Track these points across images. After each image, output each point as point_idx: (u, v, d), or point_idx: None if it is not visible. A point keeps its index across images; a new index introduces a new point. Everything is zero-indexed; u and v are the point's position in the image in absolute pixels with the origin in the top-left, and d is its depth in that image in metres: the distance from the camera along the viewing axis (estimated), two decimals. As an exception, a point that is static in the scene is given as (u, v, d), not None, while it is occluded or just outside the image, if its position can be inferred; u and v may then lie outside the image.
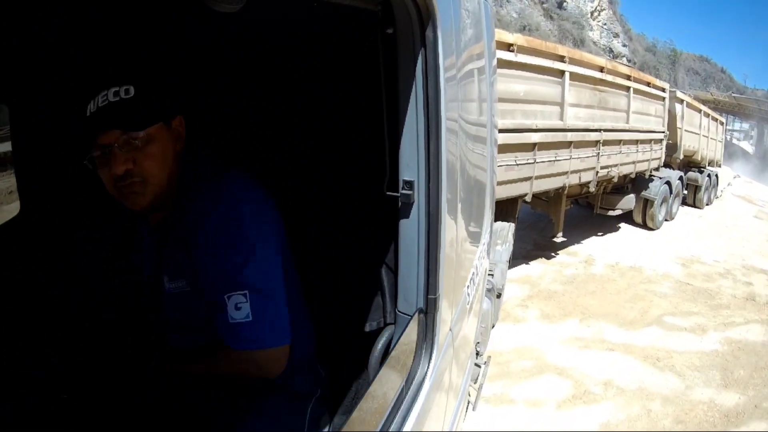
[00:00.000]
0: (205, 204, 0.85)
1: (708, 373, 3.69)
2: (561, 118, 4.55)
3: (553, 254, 6.02)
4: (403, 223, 0.83)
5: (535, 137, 4.22)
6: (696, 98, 13.09)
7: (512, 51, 3.84)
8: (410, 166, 0.80)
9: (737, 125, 25.20)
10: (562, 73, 4.44)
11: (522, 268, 5.45)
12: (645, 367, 3.69)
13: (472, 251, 1.25)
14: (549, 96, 4.42)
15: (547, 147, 4.45)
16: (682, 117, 7.59)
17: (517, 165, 4.11)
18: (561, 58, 4.46)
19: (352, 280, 1.11)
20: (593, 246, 6.53)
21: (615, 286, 5.29)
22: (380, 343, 0.90)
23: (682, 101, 7.64)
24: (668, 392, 3.39)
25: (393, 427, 0.76)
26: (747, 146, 23.74)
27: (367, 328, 1.04)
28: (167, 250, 0.90)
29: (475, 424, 2.77)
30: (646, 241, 7.03)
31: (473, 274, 1.27)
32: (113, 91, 0.81)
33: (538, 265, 5.69)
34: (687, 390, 3.45)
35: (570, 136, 4.70)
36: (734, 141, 23.45)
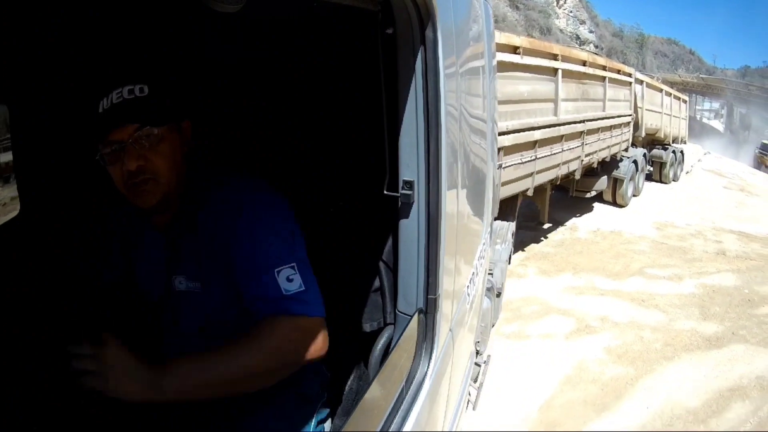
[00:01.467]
0: (228, 199, 0.86)
1: (688, 309, 4.36)
2: (555, 114, 4.74)
3: (540, 224, 6.45)
4: (403, 223, 0.84)
5: (537, 134, 4.37)
6: (664, 81, 13.57)
7: (519, 54, 3.96)
8: (410, 166, 0.80)
9: (707, 105, 25.30)
10: (555, 70, 4.62)
11: (515, 235, 6.04)
12: (633, 307, 4.37)
13: (472, 250, 1.25)
14: (546, 94, 4.59)
15: (546, 143, 4.63)
16: (643, 97, 7.92)
17: (522, 163, 4.26)
18: (555, 57, 4.64)
19: (352, 281, 1.11)
20: (574, 221, 7.10)
21: (599, 247, 6.02)
22: (380, 343, 0.90)
23: (641, 82, 7.98)
24: (655, 324, 4.06)
25: (393, 427, 0.76)
26: (717, 125, 24.12)
27: (367, 328, 1.04)
28: (181, 251, 0.90)
29: (501, 356, 3.43)
30: (621, 212, 7.66)
31: (473, 273, 1.27)
32: (128, 89, 0.81)
33: (528, 233, 6.17)
34: (671, 322, 4.12)
35: (562, 130, 4.91)
36: (704, 120, 23.79)
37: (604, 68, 5.95)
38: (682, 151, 11.25)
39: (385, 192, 0.83)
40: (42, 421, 0.94)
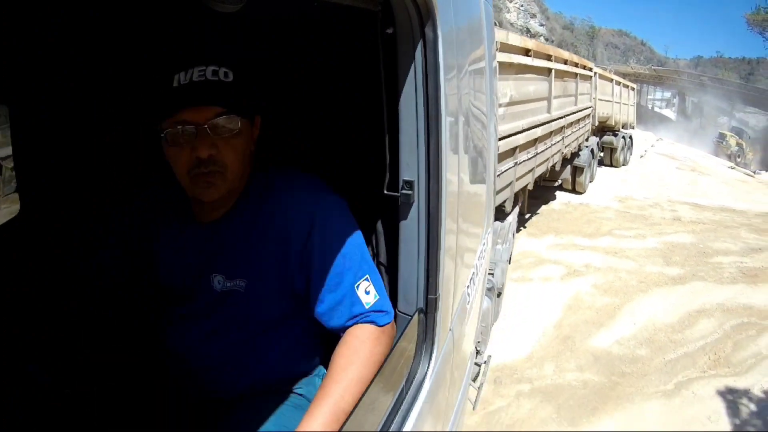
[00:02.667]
0: (297, 202, 0.84)
1: (653, 258, 5.54)
2: (548, 111, 5.01)
3: (521, 214, 7.36)
4: (403, 223, 0.83)
5: (538, 131, 4.62)
6: (617, 72, 14.72)
7: (530, 56, 4.23)
8: (410, 166, 0.80)
9: (658, 94, 25.76)
10: (550, 70, 4.90)
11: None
12: (609, 257, 5.56)
13: (472, 250, 1.25)
14: (543, 93, 4.86)
15: (543, 139, 4.92)
16: (595, 87, 8.25)
17: (528, 160, 4.52)
18: (549, 57, 4.92)
19: None
20: (543, 205, 7.94)
21: (572, 216, 7.24)
22: (380, 343, 0.90)
23: (595, 74, 8.35)
24: (629, 268, 5.25)
25: (393, 427, 0.76)
26: (669, 113, 24.92)
27: (367, 328, 1.04)
28: (225, 249, 0.86)
29: (514, 294, 4.45)
30: (583, 194, 8.60)
31: (473, 273, 1.27)
32: (212, 69, 0.76)
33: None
34: (641, 267, 5.28)
35: (553, 126, 5.20)
36: (656, 109, 24.72)
37: (576, 65, 6.32)
38: (630, 137, 12.07)
39: (385, 192, 0.83)
40: (42, 421, 0.94)
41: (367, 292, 0.83)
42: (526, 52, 4.18)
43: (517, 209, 4.80)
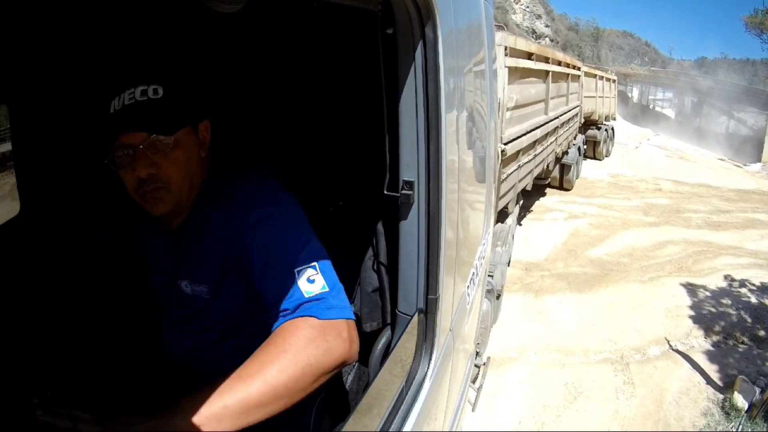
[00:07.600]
0: (236, 198, 0.82)
1: (635, 212, 7.62)
2: (545, 113, 5.08)
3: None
4: (403, 223, 0.83)
5: (538, 133, 4.68)
6: (618, 73, 15.40)
7: (532, 59, 4.30)
8: (410, 166, 0.80)
9: (660, 94, 26.36)
10: (547, 73, 4.95)
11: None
12: (600, 209, 7.60)
13: (472, 251, 1.25)
14: (541, 95, 4.91)
15: (541, 140, 4.99)
16: (582, 86, 8.25)
17: (528, 161, 4.59)
18: (547, 60, 4.96)
19: (352, 281, 1.11)
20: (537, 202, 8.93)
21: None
22: (380, 343, 0.90)
23: (583, 72, 8.40)
24: (616, 215, 7.32)
25: (393, 427, 0.76)
26: (670, 113, 25.26)
27: (367, 328, 1.04)
28: (188, 255, 0.87)
29: (533, 226, 6.43)
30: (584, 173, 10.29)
31: (473, 274, 1.26)
32: (141, 89, 0.77)
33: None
34: (625, 216, 7.33)
35: (550, 127, 5.28)
36: (657, 109, 25.24)
37: (568, 66, 6.38)
38: (612, 128, 12.51)
39: (385, 192, 0.83)
40: (41, 420, 0.94)
41: (311, 281, 0.74)
42: (529, 56, 4.24)
43: (516, 210, 4.82)
